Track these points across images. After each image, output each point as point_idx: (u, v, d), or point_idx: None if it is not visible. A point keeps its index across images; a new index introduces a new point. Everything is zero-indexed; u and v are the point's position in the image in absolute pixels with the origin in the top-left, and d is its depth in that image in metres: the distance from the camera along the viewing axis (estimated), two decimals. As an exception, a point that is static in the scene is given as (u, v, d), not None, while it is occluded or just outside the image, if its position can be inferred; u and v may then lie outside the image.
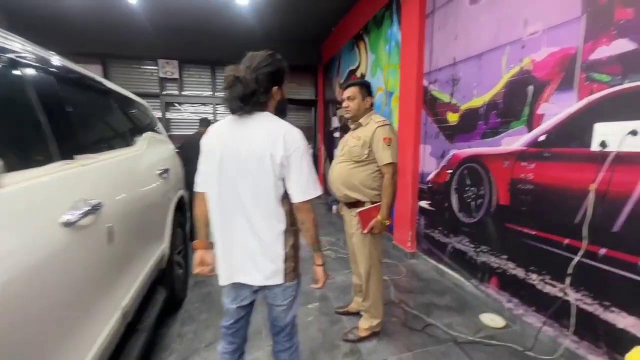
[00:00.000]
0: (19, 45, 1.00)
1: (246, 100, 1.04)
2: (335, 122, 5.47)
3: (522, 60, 1.93)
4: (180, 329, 2.01)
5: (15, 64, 0.94)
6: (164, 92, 5.55)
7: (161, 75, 5.43)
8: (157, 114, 5.51)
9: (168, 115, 5.65)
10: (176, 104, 5.69)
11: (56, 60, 1.23)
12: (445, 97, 2.66)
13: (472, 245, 2.40)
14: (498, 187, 2.13)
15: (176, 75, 5.47)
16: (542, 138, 1.82)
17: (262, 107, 1.10)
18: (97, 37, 4.87)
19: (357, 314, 2.06)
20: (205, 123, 3.89)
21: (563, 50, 1.69)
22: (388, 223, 1.72)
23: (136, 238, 1.45)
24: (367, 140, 1.71)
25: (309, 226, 1.13)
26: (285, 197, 1.12)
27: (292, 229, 1.15)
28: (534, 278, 1.89)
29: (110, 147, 1.47)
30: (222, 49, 5.26)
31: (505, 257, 2.09)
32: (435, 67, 2.77)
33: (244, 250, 1.10)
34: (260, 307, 1.49)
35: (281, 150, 1.04)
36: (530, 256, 1.90)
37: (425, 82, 2.93)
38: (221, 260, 1.13)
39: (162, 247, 1.86)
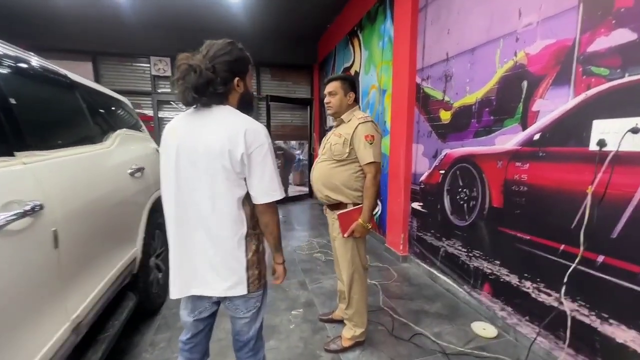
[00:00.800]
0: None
1: (201, 91, 0.94)
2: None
3: (516, 54, 1.82)
4: (154, 336, 1.91)
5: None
6: (157, 90, 5.45)
7: (153, 72, 5.33)
8: (150, 112, 5.42)
9: (161, 114, 5.54)
10: (171, 102, 5.58)
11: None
12: (438, 95, 2.55)
13: (465, 250, 2.28)
14: (491, 189, 2.01)
15: (169, 73, 5.37)
16: (537, 137, 1.70)
17: (221, 99, 0.99)
18: (87, 35, 4.77)
19: (342, 322, 1.95)
20: None
21: (559, 42, 1.57)
22: (370, 226, 1.61)
23: (94, 242, 1.34)
24: (349, 138, 1.60)
25: (272, 229, 1.05)
26: (247, 199, 1.01)
27: (255, 232, 1.04)
28: (527, 285, 1.77)
29: (69, 144, 1.36)
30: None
31: (498, 262, 1.97)
32: (428, 64, 2.66)
33: (202, 257, 1.00)
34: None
35: (242, 147, 0.94)
36: (524, 262, 1.79)
37: (418, 79, 2.82)
38: (175, 269, 1.02)
39: (133, 250, 1.76)
